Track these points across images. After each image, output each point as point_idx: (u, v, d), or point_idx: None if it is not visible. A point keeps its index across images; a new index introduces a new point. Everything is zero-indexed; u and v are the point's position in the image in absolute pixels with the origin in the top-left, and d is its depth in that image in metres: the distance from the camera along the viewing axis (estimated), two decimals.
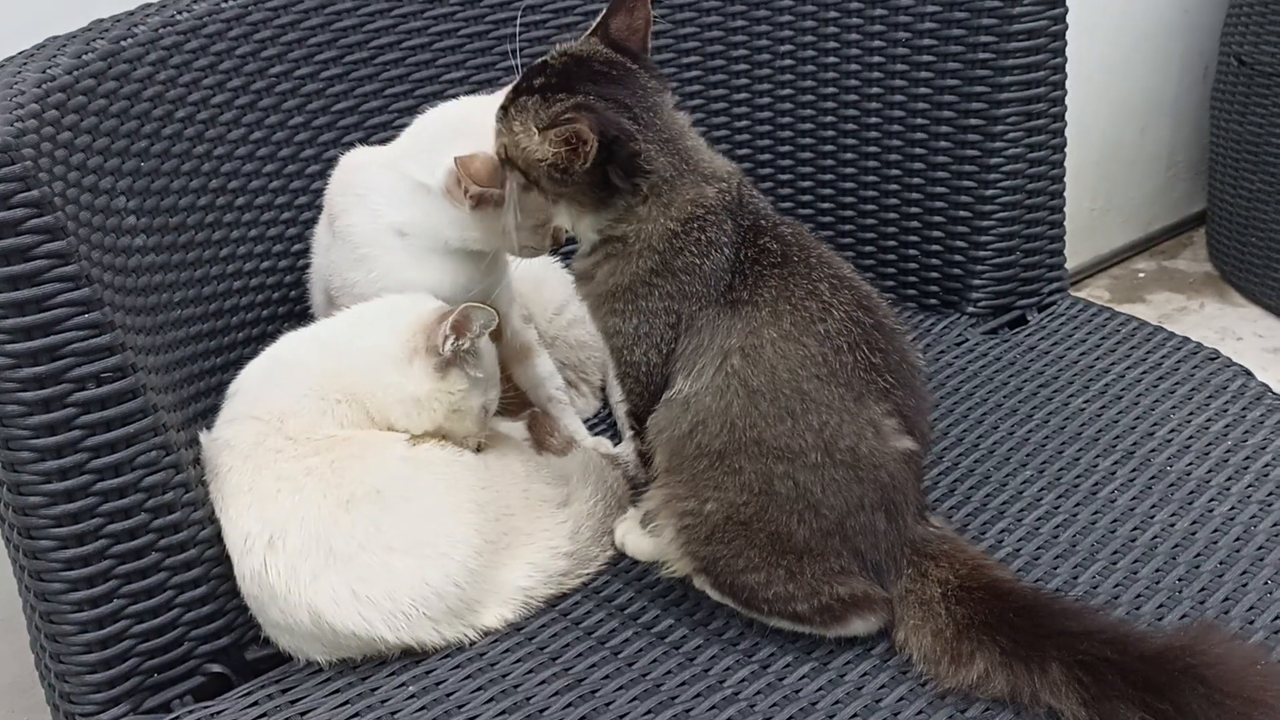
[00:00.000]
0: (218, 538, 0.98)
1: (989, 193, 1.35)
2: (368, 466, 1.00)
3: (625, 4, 0.99)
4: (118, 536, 0.92)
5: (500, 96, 0.98)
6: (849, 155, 1.42)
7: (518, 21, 1.31)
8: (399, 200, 1.09)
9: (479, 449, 1.10)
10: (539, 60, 0.98)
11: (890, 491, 0.92)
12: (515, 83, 0.97)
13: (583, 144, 0.89)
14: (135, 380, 0.91)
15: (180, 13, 1.15)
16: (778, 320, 0.91)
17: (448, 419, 1.06)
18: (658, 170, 0.93)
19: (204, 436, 1.03)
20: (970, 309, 1.40)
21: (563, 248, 1.15)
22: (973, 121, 1.34)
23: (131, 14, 1.14)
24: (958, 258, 1.39)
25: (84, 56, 1.04)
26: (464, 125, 1.06)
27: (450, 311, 1.03)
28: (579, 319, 1.30)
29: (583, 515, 1.08)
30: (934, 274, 1.42)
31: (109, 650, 0.94)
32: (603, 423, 1.31)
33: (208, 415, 1.06)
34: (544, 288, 1.29)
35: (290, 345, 1.08)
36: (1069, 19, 1.34)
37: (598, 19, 0.99)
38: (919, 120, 1.37)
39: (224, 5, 1.19)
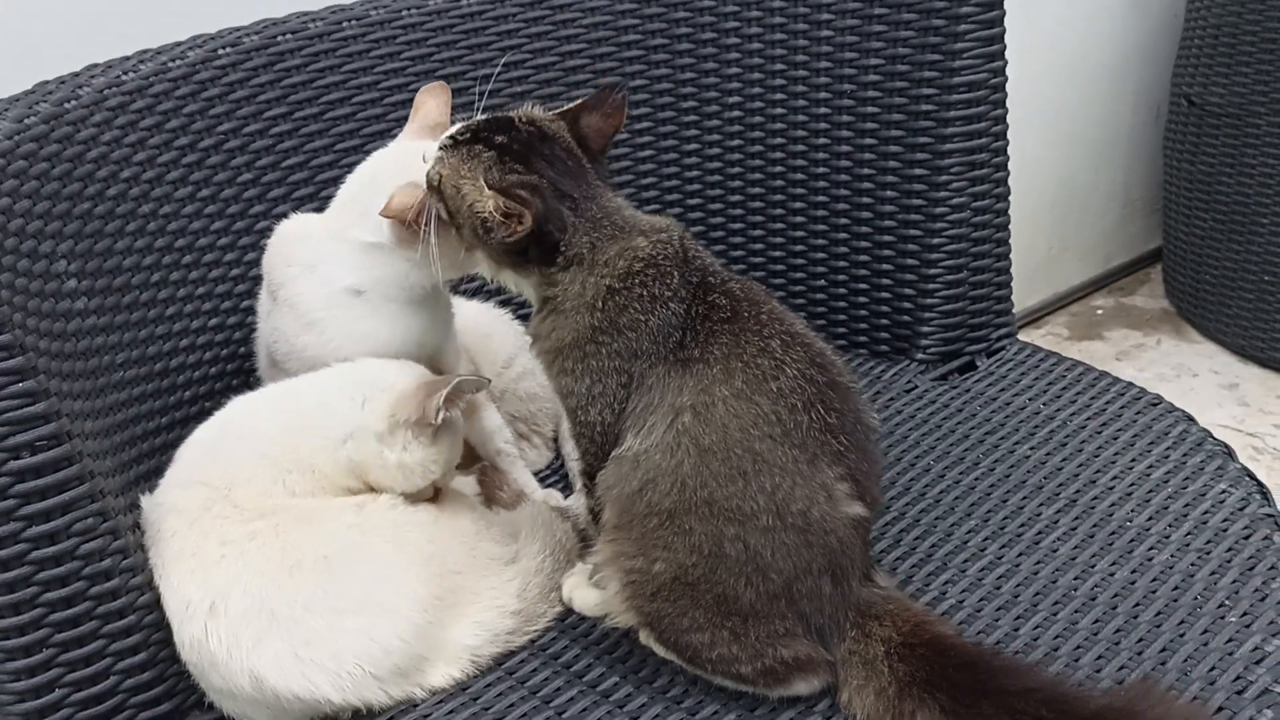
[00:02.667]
0: (157, 603, 0.98)
1: (935, 241, 1.37)
2: (314, 533, 1.00)
3: (604, 105, 0.99)
4: (54, 605, 0.91)
5: (414, 142, 0.99)
6: (798, 204, 1.44)
7: (495, 73, 1.32)
8: (354, 264, 1.10)
9: (437, 495, 1.10)
10: (504, 114, 0.99)
11: (838, 556, 0.92)
12: (472, 123, 0.98)
13: (520, 224, 0.91)
14: (71, 447, 0.91)
15: (126, 73, 1.16)
16: (729, 378, 0.90)
17: (442, 477, 1.07)
18: (575, 248, 0.94)
19: (145, 500, 1.03)
20: (920, 355, 1.41)
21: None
22: (917, 171, 1.36)
23: (77, 75, 1.14)
24: (906, 305, 1.41)
25: (26, 120, 1.04)
26: (392, 179, 1.06)
27: (435, 383, 1.04)
28: (528, 371, 1.30)
29: (530, 572, 1.08)
30: (884, 321, 1.43)
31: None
32: (554, 474, 1.31)
33: (151, 477, 1.05)
34: (492, 341, 1.29)
35: (242, 411, 1.08)
36: (1023, 61, 1.36)
37: (573, 104, 1.00)
38: (865, 170, 1.39)
39: (170, 65, 1.19)
